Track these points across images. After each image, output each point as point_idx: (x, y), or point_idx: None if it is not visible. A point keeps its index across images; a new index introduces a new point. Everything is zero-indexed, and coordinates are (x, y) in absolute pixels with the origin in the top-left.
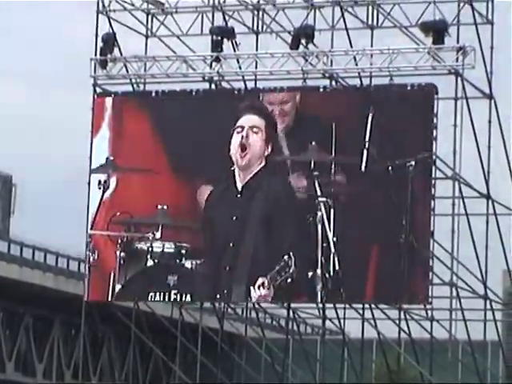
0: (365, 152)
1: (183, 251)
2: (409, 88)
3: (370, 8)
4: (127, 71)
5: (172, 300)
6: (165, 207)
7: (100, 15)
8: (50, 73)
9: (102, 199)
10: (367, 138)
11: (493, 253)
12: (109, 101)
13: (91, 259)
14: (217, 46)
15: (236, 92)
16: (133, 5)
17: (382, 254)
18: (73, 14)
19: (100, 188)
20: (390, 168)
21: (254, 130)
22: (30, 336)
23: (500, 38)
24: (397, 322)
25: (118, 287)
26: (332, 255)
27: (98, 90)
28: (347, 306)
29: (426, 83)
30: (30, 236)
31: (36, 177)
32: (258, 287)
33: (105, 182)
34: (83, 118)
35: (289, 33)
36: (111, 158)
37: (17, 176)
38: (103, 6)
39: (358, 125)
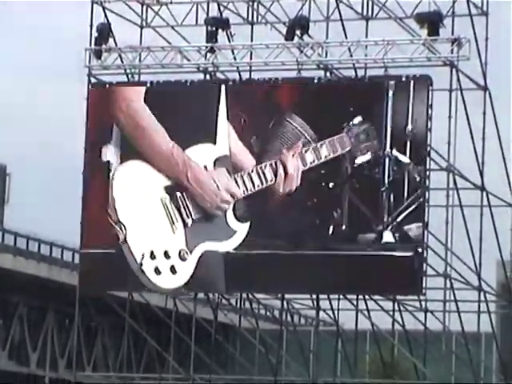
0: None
1: None
2: (404, 79)
3: None
4: (122, 61)
5: None
6: None
7: (95, 5)
8: (43, 62)
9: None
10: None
11: (487, 244)
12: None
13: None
14: (212, 37)
15: (231, 83)
16: None
17: None
18: (67, 4)
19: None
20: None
21: None
22: (23, 325)
23: (495, 30)
24: (391, 313)
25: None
26: None
27: (93, 80)
28: (341, 296)
29: (420, 75)
30: (24, 225)
31: (30, 166)
32: None
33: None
34: (78, 108)
35: (284, 24)
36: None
37: (11, 165)
38: None
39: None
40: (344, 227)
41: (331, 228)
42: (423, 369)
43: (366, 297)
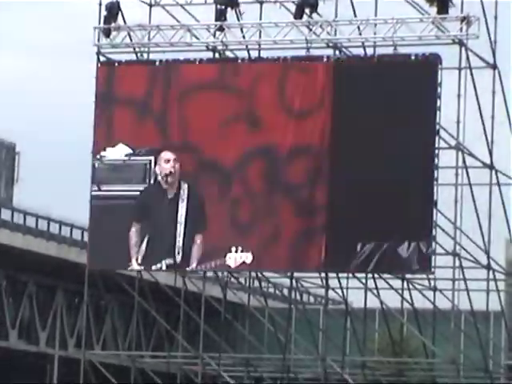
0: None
1: None
2: (413, 58)
3: None
4: (131, 40)
5: None
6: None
7: None
8: (53, 40)
9: None
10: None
11: (496, 223)
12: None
13: None
14: (221, 15)
15: (240, 61)
16: None
17: None
18: None
19: None
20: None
21: None
22: (33, 304)
23: (504, 8)
24: (400, 291)
25: None
26: None
27: (102, 58)
28: (350, 275)
29: (430, 53)
30: (34, 204)
31: (39, 145)
32: None
33: None
34: (87, 87)
35: (293, 2)
36: None
37: (20, 144)
38: None
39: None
40: None
41: None
42: (432, 347)
43: (375, 275)
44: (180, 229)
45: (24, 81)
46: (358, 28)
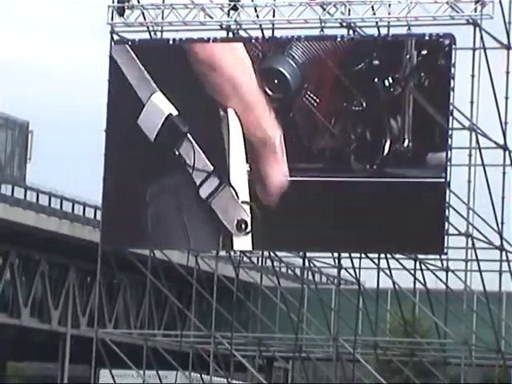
0: None
1: None
2: (427, 38)
3: None
4: (144, 19)
5: None
6: None
7: None
8: (67, 20)
9: None
10: None
11: (509, 204)
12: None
13: None
14: None
15: (253, 41)
16: None
17: None
18: None
19: None
20: None
21: None
22: (45, 283)
23: None
24: (412, 272)
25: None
26: None
27: (115, 37)
28: (363, 255)
29: (444, 33)
30: (47, 183)
31: (53, 124)
32: None
33: None
34: (101, 65)
35: None
36: None
37: (34, 123)
38: None
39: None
40: (406, 143)
41: (387, 144)
42: (444, 328)
43: (388, 255)
44: None
45: (37, 60)
46: (372, 8)
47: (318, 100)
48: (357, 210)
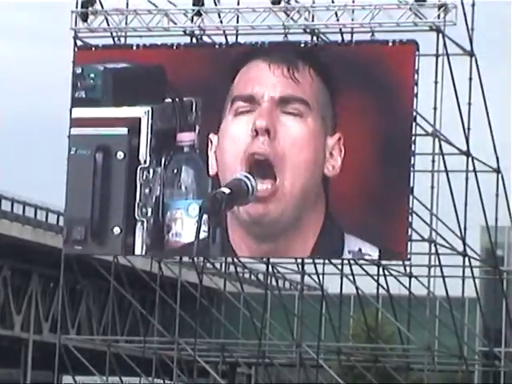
0: None
1: None
2: (390, 44)
3: None
4: (108, 24)
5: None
6: None
7: None
8: (29, 25)
9: None
10: None
11: (472, 210)
12: None
13: None
14: (198, 0)
15: (217, 46)
16: None
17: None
18: None
19: None
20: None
21: None
22: (8, 288)
23: None
24: (375, 277)
25: None
26: None
27: (79, 43)
28: (326, 261)
29: (407, 39)
30: (9, 188)
31: (15, 129)
32: None
33: None
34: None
35: None
36: None
37: None
38: None
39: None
40: None
41: None
42: (407, 333)
43: (351, 261)
44: None
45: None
46: (336, 14)
47: None
48: None
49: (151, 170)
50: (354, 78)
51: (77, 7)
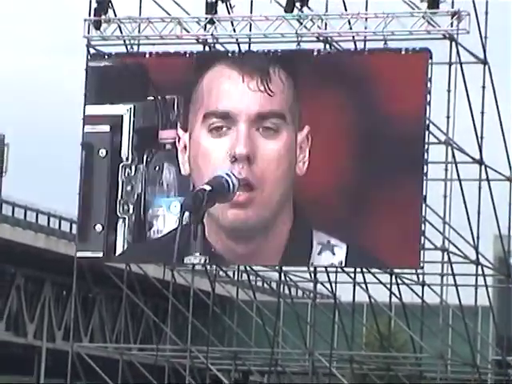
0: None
1: None
2: (403, 52)
3: None
4: (121, 32)
5: None
6: None
7: None
8: (42, 34)
9: None
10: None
11: (485, 218)
12: None
13: None
14: (211, 8)
15: (230, 54)
16: None
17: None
18: None
19: None
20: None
21: None
22: (21, 296)
23: (494, 3)
24: (388, 286)
25: None
26: None
27: (92, 51)
28: (339, 269)
29: (420, 48)
30: (22, 196)
31: (29, 137)
32: None
33: None
34: (78, 80)
35: None
36: None
37: (10, 136)
38: None
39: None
40: None
41: None
42: (420, 342)
43: (364, 270)
44: None
45: (12, 73)
46: (349, 22)
47: None
48: None
49: (133, 168)
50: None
51: (90, 15)
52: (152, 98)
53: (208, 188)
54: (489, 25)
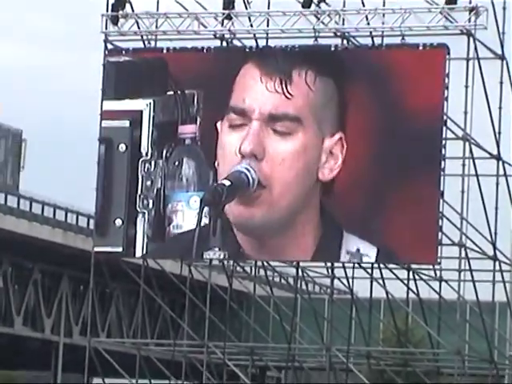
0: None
1: None
2: (421, 48)
3: None
4: (138, 27)
5: None
6: None
7: None
8: (59, 29)
9: None
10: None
11: (502, 214)
12: None
13: None
14: (229, 4)
15: (247, 50)
16: None
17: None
18: None
19: None
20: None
21: None
22: (38, 291)
23: None
24: (405, 281)
25: None
26: None
27: (109, 46)
28: (356, 265)
29: (437, 43)
30: (40, 191)
31: (46, 132)
32: None
33: None
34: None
35: None
36: None
37: (27, 131)
38: None
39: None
40: None
41: None
42: (437, 337)
43: (381, 265)
44: None
45: (29, 69)
46: (366, 17)
47: None
48: None
49: (153, 163)
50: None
51: (107, 10)
52: (172, 92)
53: (227, 183)
54: (506, 20)
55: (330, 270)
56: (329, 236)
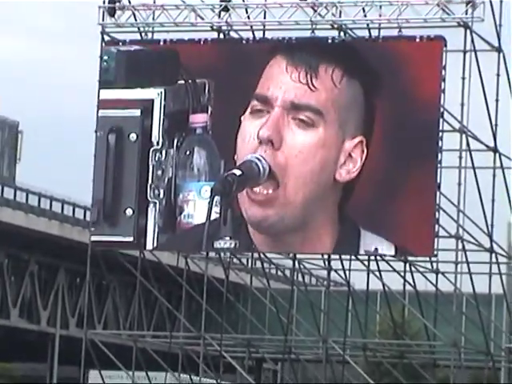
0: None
1: None
2: (417, 40)
3: None
4: (135, 19)
5: None
6: None
7: None
8: (55, 21)
9: None
10: None
11: (499, 206)
12: None
13: None
14: None
15: (244, 42)
16: None
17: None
18: None
19: None
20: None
21: None
22: (34, 283)
23: None
24: (402, 274)
25: None
26: None
27: (106, 37)
28: (353, 257)
29: (434, 35)
30: (36, 183)
31: (42, 124)
32: None
33: None
34: (92, 67)
35: None
36: None
37: (25, 123)
38: None
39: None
40: None
41: None
42: (434, 330)
43: (378, 257)
44: None
45: (25, 60)
46: (363, 10)
47: None
48: None
49: (164, 152)
50: (387, 76)
51: (104, 2)
52: (183, 81)
53: (238, 172)
54: (503, 13)
55: (326, 262)
56: (347, 235)
